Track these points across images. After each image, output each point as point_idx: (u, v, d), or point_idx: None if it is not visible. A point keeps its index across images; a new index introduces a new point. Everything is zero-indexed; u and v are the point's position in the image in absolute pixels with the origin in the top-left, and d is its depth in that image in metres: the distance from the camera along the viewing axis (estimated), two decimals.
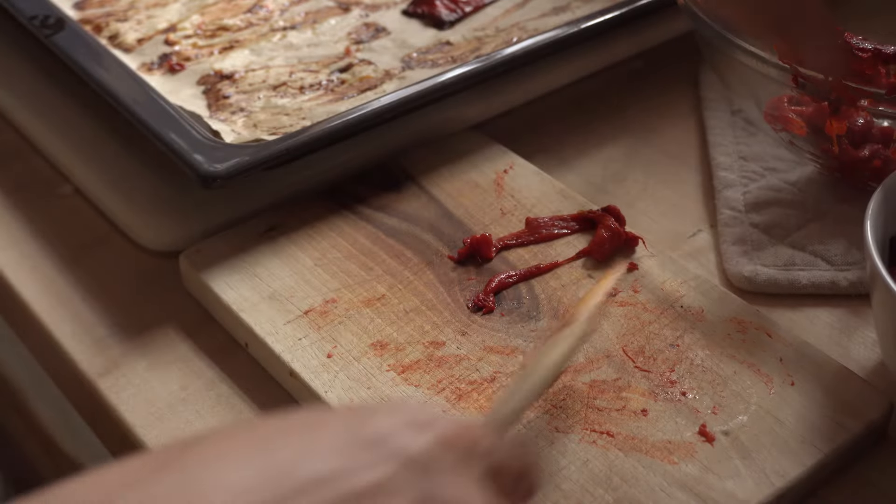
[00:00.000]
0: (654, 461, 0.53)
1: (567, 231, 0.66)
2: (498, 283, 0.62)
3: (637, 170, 0.75)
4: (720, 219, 0.69)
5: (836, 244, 0.67)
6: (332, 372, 0.57)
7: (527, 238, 0.65)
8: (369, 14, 0.84)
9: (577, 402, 0.56)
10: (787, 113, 0.67)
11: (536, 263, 0.64)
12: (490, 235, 0.65)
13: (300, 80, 0.76)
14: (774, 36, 0.64)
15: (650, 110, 0.80)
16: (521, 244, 0.65)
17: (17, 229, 0.70)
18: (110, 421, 0.59)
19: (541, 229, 0.66)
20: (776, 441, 0.54)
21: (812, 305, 0.65)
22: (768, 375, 0.57)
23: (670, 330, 0.60)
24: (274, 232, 0.66)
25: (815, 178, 0.72)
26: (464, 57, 0.78)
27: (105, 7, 0.84)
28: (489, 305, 0.61)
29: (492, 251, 0.64)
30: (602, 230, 0.64)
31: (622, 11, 0.77)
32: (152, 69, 0.77)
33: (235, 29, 0.82)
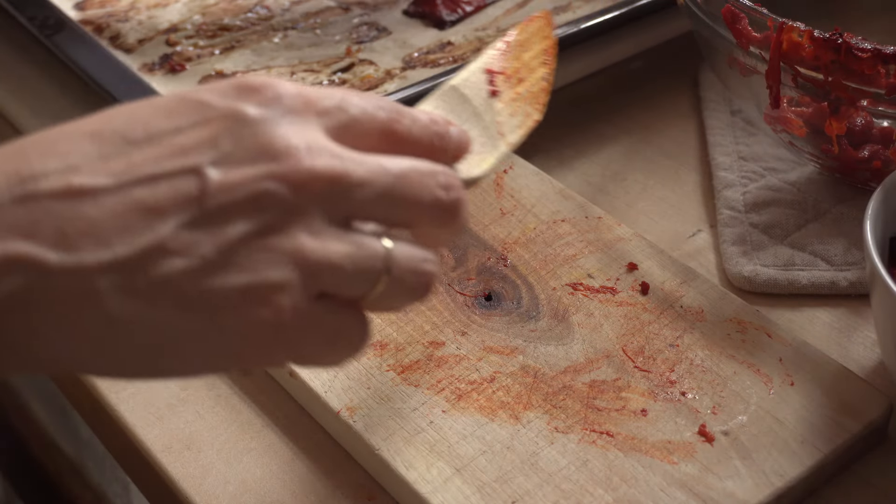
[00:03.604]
0: (653, 461, 0.53)
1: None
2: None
3: (637, 170, 0.75)
4: (720, 219, 0.69)
5: (836, 244, 0.67)
6: (331, 372, 0.57)
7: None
8: (370, 14, 0.84)
9: (577, 402, 0.56)
10: (786, 113, 0.67)
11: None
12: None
13: (301, 81, 0.76)
14: None
15: (650, 110, 0.80)
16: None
17: None
18: (110, 421, 0.59)
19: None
20: (776, 441, 0.54)
21: (812, 305, 0.65)
22: (768, 375, 0.57)
23: (670, 330, 0.60)
24: None
25: (814, 178, 0.72)
26: (465, 57, 0.78)
27: (106, 8, 0.84)
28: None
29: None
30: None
31: (622, 11, 0.77)
32: (153, 70, 0.77)
33: (236, 29, 0.82)
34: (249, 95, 0.40)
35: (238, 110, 0.39)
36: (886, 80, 0.60)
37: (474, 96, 0.51)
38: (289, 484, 0.55)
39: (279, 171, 0.38)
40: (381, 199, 0.40)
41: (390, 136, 0.43)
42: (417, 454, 0.53)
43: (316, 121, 0.41)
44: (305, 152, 0.39)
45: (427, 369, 0.58)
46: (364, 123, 0.42)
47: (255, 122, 0.39)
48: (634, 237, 0.66)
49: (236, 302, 0.38)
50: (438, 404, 0.56)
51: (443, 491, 0.52)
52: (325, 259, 0.39)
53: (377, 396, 0.56)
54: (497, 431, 0.54)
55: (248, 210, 0.38)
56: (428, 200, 0.42)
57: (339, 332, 0.41)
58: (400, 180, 0.41)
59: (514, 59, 0.54)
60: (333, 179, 0.39)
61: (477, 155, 0.49)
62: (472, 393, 0.56)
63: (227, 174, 0.38)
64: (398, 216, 0.41)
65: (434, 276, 0.43)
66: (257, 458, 0.56)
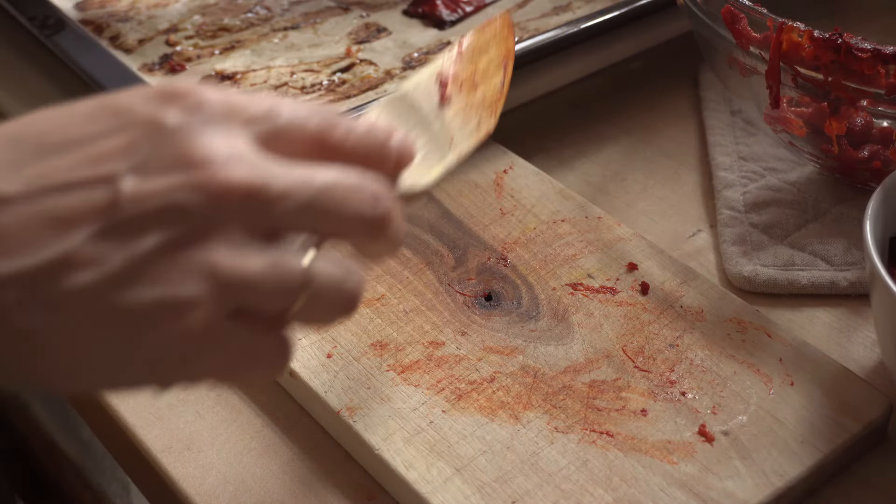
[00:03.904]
0: (653, 461, 0.53)
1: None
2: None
3: (637, 170, 0.75)
4: (720, 219, 0.69)
5: (836, 244, 0.67)
6: (331, 372, 0.57)
7: None
8: (370, 14, 0.84)
9: (577, 402, 0.56)
10: (786, 113, 0.67)
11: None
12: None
13: (301, 81, 0.76)
14: None
15: (650, 110, 0.80)
16: None
17: None
18: (110, 421, 0.59)
19: None
20: (776, 441, 0.54)
21: (812, 305, 0.65)
22: (768, 375, 0.57)
23: (670, 330, 0.60)
24: None
25: (814, 178, 0.72)
26: None
27: (106, 8, 0.84)
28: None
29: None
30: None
31: (622, 11, 0.77)
32: (153, 70, 0.77)
33: (236, 29, 0.82)
34: (172, 102, 0.39)
35: (158, 117, 0.38)
36: (886, 80, 0.60)
37: (423, 104, 0.49)
38: (289, 484, 0.55)
39: (195, 182, 0.37)
40: (304, 211, 0.39)
41: (323, 145, 0.41)
42: (417, 454, 0.53)
43: (242, 129, 0.39)
44: (224, 162, 0.37)
45: (427, 369, 0.58)
46: (295, 132, 0.41)
47: (174, 129, 0.38)
48: (634, 237, 0.66)
49: (147, 317, 0.37)
50: (438, 404, 0.56)
51: (443, 491, 0.52)
52: (241, 274, 0.38)
53: (377, 396, 0.56)
54: (497, 431, 0.54)
55: (160, 221, 0.37)
56: (353, 213, 0.40)
57: (257, 349, 0.40)
58: (324, 192, 0.39)
59: (468, 64, 0.52)
60: (252, 190, 0.38)
61: (424, 165, 0.47)
62: (472, 393, 0.56)
63: (142, 184, 0.37)
64: (324, 228, 0.40)
65: (358, 293, 0.41)
66: (257, 458, 0.56)
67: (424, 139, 0.48)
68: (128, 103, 0.39)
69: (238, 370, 0.40)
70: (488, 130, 0.51)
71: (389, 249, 0.43)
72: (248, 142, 0.39)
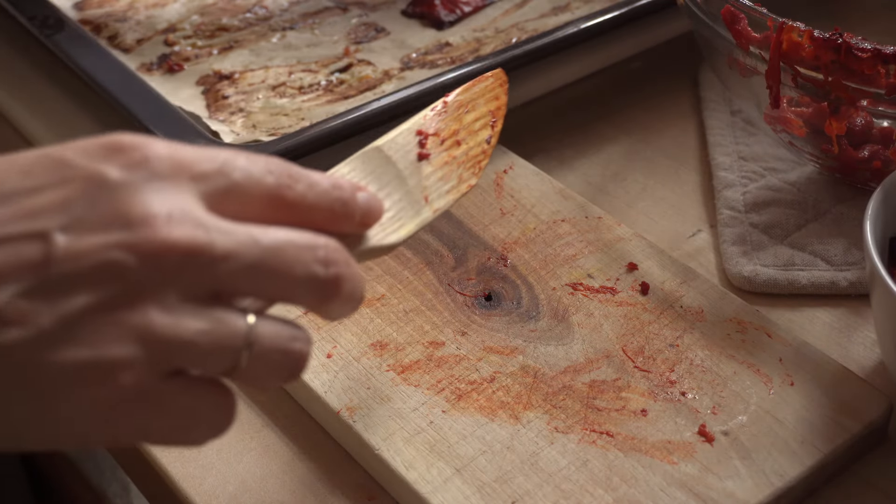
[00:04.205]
0: (653, 461, 0.53)
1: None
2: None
3: (637, 170, 0.75)
4: (720, 219, 0.69)
5: (836, 244, 0.67)
6: (331, 372, 0.57)
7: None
8: (368, 14, 0.84)
9: (577, 402, 0.56)
10: (786, 113, 0.67)
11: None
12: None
13: (299, 81, 0.76)
14: None
15: (650, 110, 0.80)
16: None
17: None
18: None
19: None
20: (776, 441, 0.54)
21: (812, 305, 0.65)
22: (768, 375, 0.57)
23: (670, 330, 0.60)
24: None
25: (814, 178, 0.72)
26: (463, 58, 0.78)
27: (104, 7, 0.84)
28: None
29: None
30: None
31: (622, 11, 0.77)
32: (151, 69, 0.77)
33: (234, 29, 0.82)
34: (115, 156, 0.37)
35: (99, 172, 0.37)
36: (886, 80, 0.60)
37: (399, 158, 0.48)
38: (289, 484, 0.55)
39: (131, 241, 0.36)
40: (248, 273, 0.38)
41: (280, 203, 0.40)
42: (417, 454, 0.53)
43: (189, 186, 0.38)
44: (164, 221, 0.36)
45: (427, 369, 0.58)
46: (249, 189, 0.39)
47: (115, 186, 0.37)
48: (634, 237, 0.66)
49: (74, 378, 0.36)
50: (438, 404, 0.56)
51: (443, 491, 0.52)
52: (176, 336, 0.37)
53: (377, 396, 0.56)
54: (497, 431, 0.54)
55: (93, 281, 0.36)
56: (302, 276, 0.39)
57: (195, 411, 0.39)
58: (271, 253, 0.38)
59: (453, 120, 0.51)
60: (192, 251, 0.37)
61: (396, 220, 0.46)
62: (472, 393, 0.56)
63: (76, 241, 0.36)
64: (270, 291, 0.39)
65: (304, 356, 0.40)
66: (257, 458, 0.56)
67: (398, 195, 0.47)
68: (68, 156, 0.37)
69: (175, 431, 0.39)
70: (469, 186, 0.50)
71: (346, 311, 0.42)
72: (194, 200, 0.38)
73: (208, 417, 0.39)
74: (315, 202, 0.41)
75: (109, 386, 0.36)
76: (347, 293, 0.41)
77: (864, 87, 0.61)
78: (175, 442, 0.39)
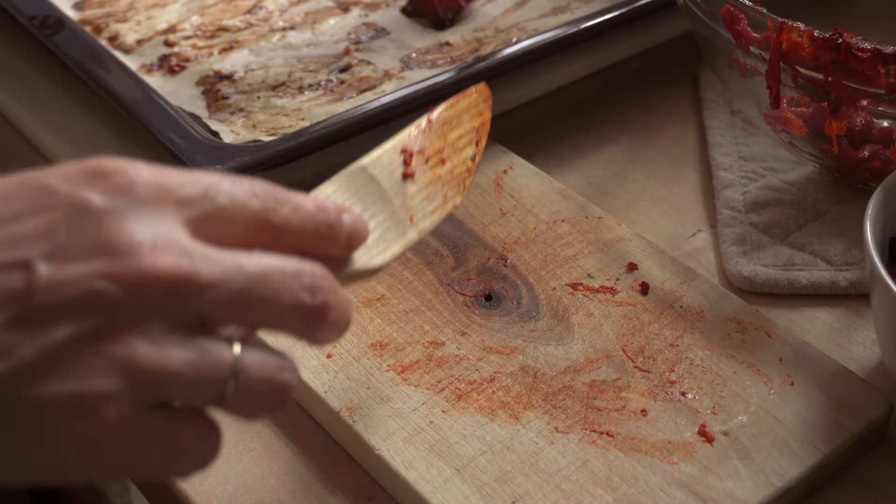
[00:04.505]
0: (653, 461, 0.53)
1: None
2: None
3: (637, 170, 0.75)
4: (720, 219, 0.69)
5: (836, 244, 0.67)
6: (331, 372, 0.57)
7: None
8: (368, 14, 0.84)
9: (577, 402, 0.56)
10: (786, 113, 0.67)
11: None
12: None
13: (299, 81, 0.76)
14: None
15: (650, 110, 0.80)
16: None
17: None
18: None
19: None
20: (776, 441, 0.54)
21: (812, 305, 0.65)
22: (768, 375, 0.57)
23: (670, 330, 0.60)
24: None
25: (814, 178, 0.72)
26: (463, 57, 0.78)
27: (105, 8, 0.84)
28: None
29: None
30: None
31: (622, 11, 0.77)
32: (152, 70, 0.77)
33: (235, 29, 0.82)
34: (97, 182, 0.37)
35: (81, 199, 0.36)
36: (886, 80, 0.60)
37: (384, 178, 0.47)
38: (289, 484, 0.55)
39: (114, 270, 0.35)
40: (234, 301, 0.37)
41: (266, 227, 0.40)
42: (417, 454, 0.53)
43: (173, 212, 0.37)
44: (148, 249, 0.36)
45: (427, 369, 0.58)
46: (233, 214, 0.39)
47: (98, 212, 0.36)
48: (634, 237, 0.66)
49: (56, 411, 0.35)
50: (438, 404, 0.56)
51: (443, 491, 0.52)
52: (160, 367, 0.36)
53: (377, 396, 0.56)
54: (497, 431, 0.54)
55: (76, 311, 0.35)
56: (288, 304, 0.38)
57: (180, 443, 0.38)
58: (257, 281, 0.37)
59: (437, 137, 0.50)
60: (177, 280, 0.36)
61: (381, 242, 0.46)
62: (472, 393, 0.56)
63: (59, 270, 0.35)
64: (256, 319, 0.38)
65: (290, 386, 0.40)
66: (257, 458, 0.56)
67: (383, 215, 0.46)
68: (50, 182, 0.37)
69: (160, 463, 0.38)
70: (454, 205, 0.49)
71: (332, 337, 0.41)
72: (179, 226, 0.37)
73: (193, 449, 0.39)
74: (300, 226, 0.40)
75: (93, 419, 0.35)
76: (334, 320, 0.40)
77: (864, 87, 0.61)
78: (160, 473, 0.39)
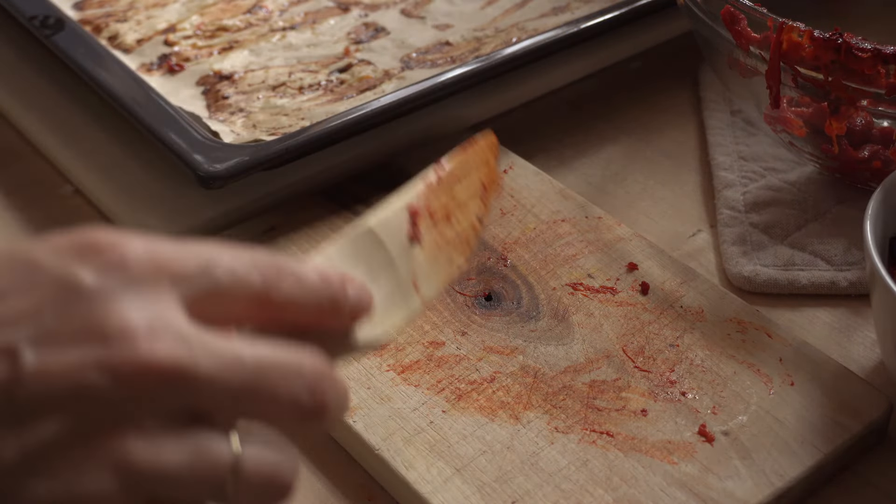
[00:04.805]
0: (653, 461, 0.53)
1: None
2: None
3: (637, 170, 0.75)
4: (720, 219, 0.69)
5: (836, 244, 0.67)
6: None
7: None
8: (368, 14, 0.84)
9: (577, 402, 0.56)
10: (786, 113, 0.67)
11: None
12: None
13: (299, 81, 0.76)
14: None
15: (650, 110, 0.80)
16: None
17: (17, 229, 0.70)
18: None
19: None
20: (776, 441, 0.54)
21: (812, 305, 0.65)
22: (768, 375, 0.57)
23: (670, 330, 0.60)
24: (274, 232, 0.66)
25: (814, 178, 0.72)
26: (463, 57, 0.78)
27: (105, 7, 0.84)
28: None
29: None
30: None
31: (622, 11, 0.77)
32: (152, 70, 0.77)
33: (235, 29, 0.82)
34: (88, 257, 0.34)
35: (71, 277, 0.34)
36: (886, 80, 0.60)
37: (391, 241, 0.44)
38: None
39: (107, 359, 0.33)
40: (231, 397, 0.35)
41: (266, 303, 0.37)
42: (417, 454, 0.53)
43: (170, 290, 0.35)
44: (144, 335, 0.33)
45: (427, 369, 0.58)
46: (233, 291, 0.37)
47: (88, 293, 0.33)
48: (634, 237, 0.66)
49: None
50: (438, 404, 0.56)
51: (443, 491, 0.52)
52: (156, 467, 0.34)
53: (377, 396, 0.56)
54: (497, 431, 0.54)
55: (65, 405, 0.32)
56: (286, 402, 0.36)
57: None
58: (256, 378, 0.35)
59: (444, 193, 0.46)
60: (174, 373, 0.33)
61: (384, 312, 0.43)
62: (472, 393, 0.56)
63: (46, 357, 0.32)
64: (252, 414, 0.36)
65: (291, 482, 0.37)
66: None
67: (388, 282, 0.43)
68: (38, 257, 0.34)
69: None
70: (460, 269, 0.46)
71: (326, 427, 0.39)
72: (175, 306, 0.35)
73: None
74: (303, 300, 0.38)
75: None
76: (329, 416, 0.38)
77: (864, 87, 0.61)
78: None
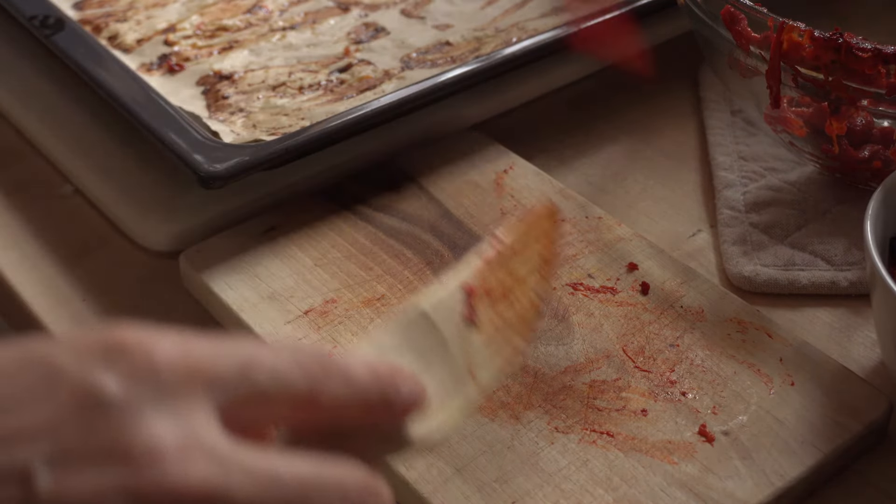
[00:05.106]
0: (653, 461, 0.53)
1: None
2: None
3: (637, 170, 0.75)
4: (720, 219, 0.69)
5: (836, 244, 0.67)
6: None
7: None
8: (369, 14, 0.84)
9: (577, 402, 0.56)
10: (786, 113, 0.67)
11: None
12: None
13: (299, 81, 0.76)
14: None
15: (650, 110, 0.80)
16: None
17: (18, 230, 0.70)
18: None
19: None
20: (776, 441, 0.54)
21: (812, 305, 0.65)
22: (768, 375, 0.57)
23: (670, 330, 0.60)
24: (274, 232, 0.66)
25: (814, 178, 0.72)
26: (463, 57, 0.78)
27: (104, 7, 0.84)
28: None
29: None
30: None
31: (622, 12, 0.77)
32: (151, 70, 0.77)
33: (235, 29, 0.82)
34: (114, 361, 0.31)
35: (94, 386, 0.30)
36: (887, 80, 0.60)
37: (445, 325, 0.40)
38: None
39: (132, 484, 0.29)
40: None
41: (310, 405, 0.34)
42: (417, 454, 0.53)
43: (204, 398, 0.32)
44: (173, 457, 0.30)
45: None
46: (275, 394, 0.33)
47: (113, 405, 0.30)
48: (634, 237, 0.66)
49: None
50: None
51: (443, 491, 0.52)
52: None
53: None
54: (497, 431, 0.54)
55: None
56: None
57: None
58: (296, 499, 0.32)
59: (501, 269, 0.43)
60: (206, 499, 0.30)
61: (438, 401, 0.39)
62: None
63: (63, 481, 0.29)
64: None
65: None
66: None
67: (442, 371, 0.40)
68: (59, 361, 0.31)
69: None
70: (520, 351, 0.42)
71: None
72: (210, 417, 0.32)
73: None
74: (350, 400, 0.35)
75: None
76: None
77: (865, 87, 0.61)
78: None
